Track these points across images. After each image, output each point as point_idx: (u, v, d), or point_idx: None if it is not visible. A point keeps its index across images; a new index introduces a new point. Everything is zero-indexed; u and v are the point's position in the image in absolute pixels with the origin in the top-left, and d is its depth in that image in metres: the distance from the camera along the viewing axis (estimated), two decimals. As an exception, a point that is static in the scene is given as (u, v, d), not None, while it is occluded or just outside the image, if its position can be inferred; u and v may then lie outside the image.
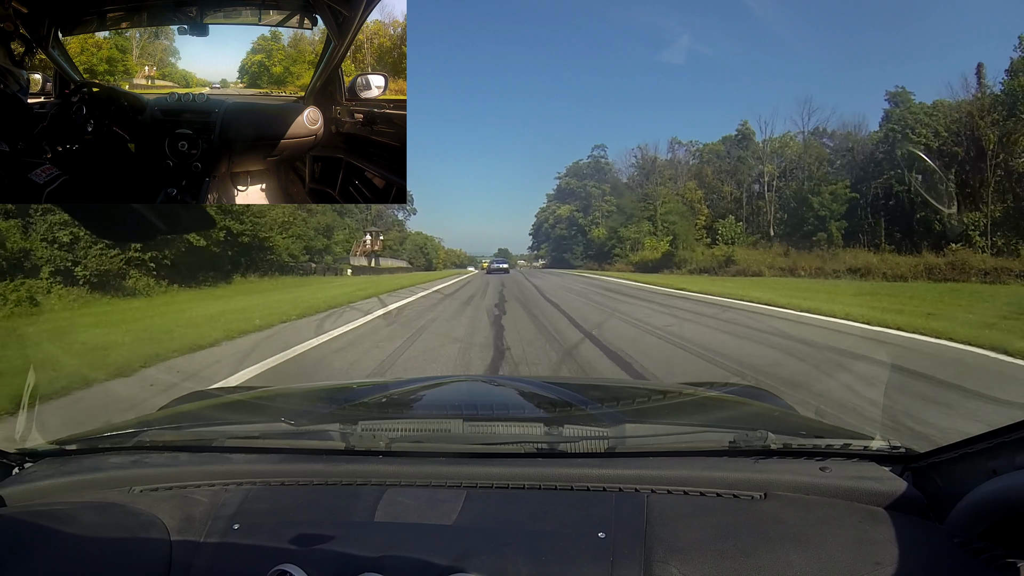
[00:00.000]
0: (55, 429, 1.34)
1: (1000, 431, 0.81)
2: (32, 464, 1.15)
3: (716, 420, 1.44)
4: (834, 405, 3.79)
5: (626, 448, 1.10)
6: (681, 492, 0.94)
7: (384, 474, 1.03)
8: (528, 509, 0.93)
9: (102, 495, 1.04)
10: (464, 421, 1.28)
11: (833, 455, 1.01)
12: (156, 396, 4.02)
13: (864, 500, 0.92)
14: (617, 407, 1.48)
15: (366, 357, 6.15)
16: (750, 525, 0.86)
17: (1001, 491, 0.76)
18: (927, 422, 3.41)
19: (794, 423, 1.40)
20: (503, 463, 1.04)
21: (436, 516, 0.91)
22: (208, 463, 1.11)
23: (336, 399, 1.67)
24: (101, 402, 4.24)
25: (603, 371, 5.17)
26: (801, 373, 4.98)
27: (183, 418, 1.50)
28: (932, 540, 0.82)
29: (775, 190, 40.06)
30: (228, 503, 0.98)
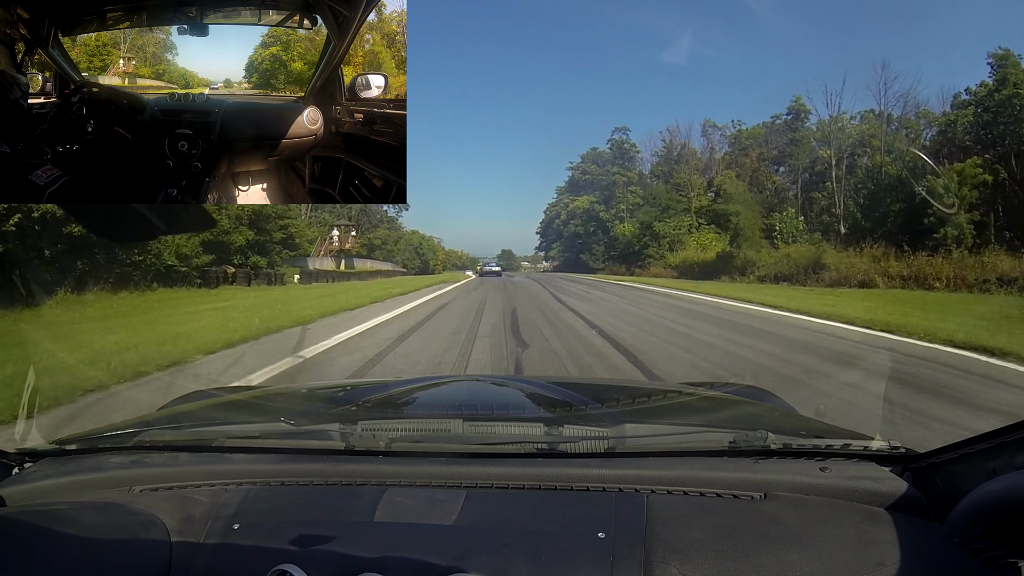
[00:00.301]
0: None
1: (1000, 431, 0.81)
2: (32, 464, 1.15)
3: (716, 420, 1.44)
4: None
5: (626, 448, 1.10)
6: (681, 492, 0.94)
7: (384, 474, 1.03)
8: (528, 509, 0.93)
9: (102, 495, 1.04)
10: (464, 421, 1.27)
11: (833, 455, 1.01)
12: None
13: (864, 500, 0.92)
14: (617, 407, 1.48)
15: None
16: (750, 525, 0.86)
17: (1001, 491, 0.76)
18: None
19: (794, 423, 1.40)
20: (503, 463, 1.04)
21: (436, 516, 0.91)
22: (208, 463, 1.11)
23: (336, 399, 1.67)
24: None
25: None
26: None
27: (183, 418, 1.50)
28: (932, 540, 0.82)
29: (844, 175, 30.12)
30: (228, 503, 0.97)
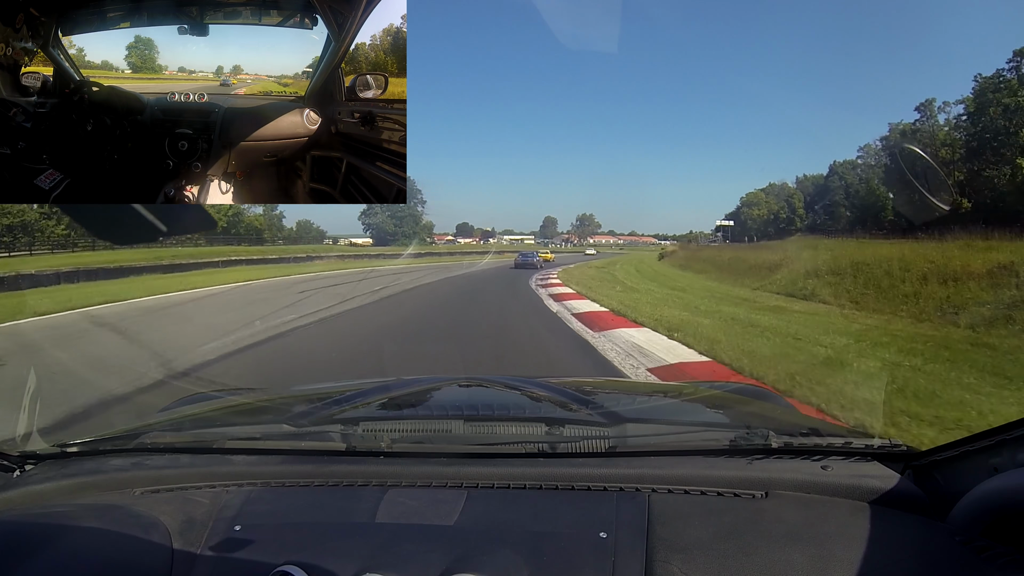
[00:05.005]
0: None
1: (1002, 428, 0.81)
2: (33, 466, 1.15)
3: (717, 419, 1.44)
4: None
5: (627, 448, 1.10)
6: (682, 491, 0.94)
7: (385, 475, 1.03)
8: (529, 509, 0.93)
9: (103, 497, 1.04)
10: (465, 421, 1.27)
11: (834, 453, 1.01)
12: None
13: (865, 498, 0.92)
14: (618, 406, 1.48)
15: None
16: (752, 524, 0.86)
17: (1002, 488, 0.76)
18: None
19: (795, 422, 1.40)
20: (504, 463, 1.04)
21: (437, 516, 0.91)
22: (209, 464, 1.11)
23: (336, 400, 1.66)
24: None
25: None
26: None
27: (184, 420, 1.50)
28: (934, 538, 0.82)
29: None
30: (229, 504, 0.97)
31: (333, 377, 4.99)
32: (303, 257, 35.99)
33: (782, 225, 56.93)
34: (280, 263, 30.52)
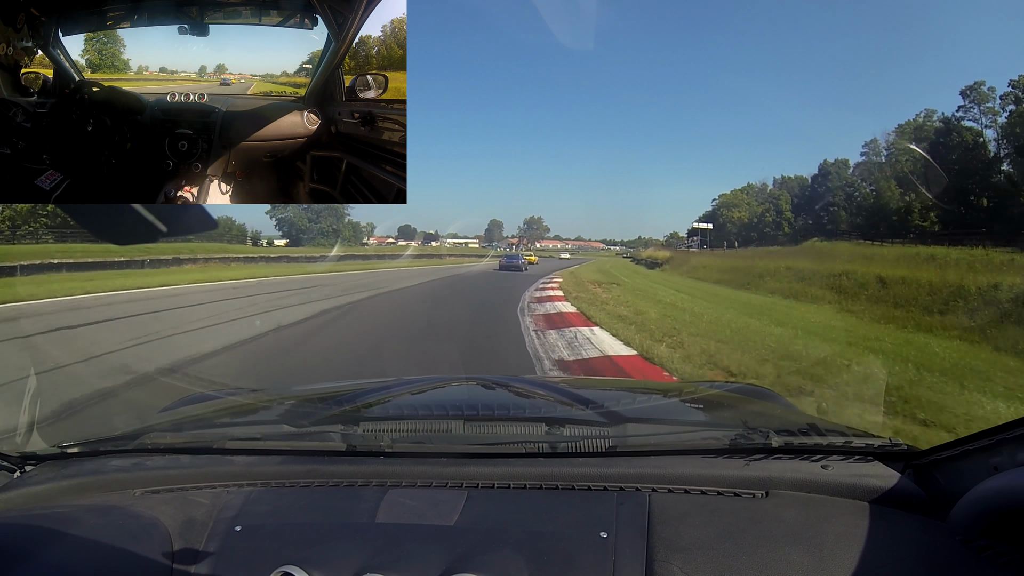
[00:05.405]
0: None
1: (1002, 428, 0.81)
2: (33, 467, 1.15)
3: (717, 419, 1.44)
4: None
5: (627, 447, 1.10)
6: (683, 491, 0.94)
7: (385, 475, 1.02)
8: (530, 509, 0.93)
9: (103, 498, 1.04)
10: (465, 421, 1.27)
11: (834, 453, 1.01)
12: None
13: (866, 498, 0.92)
14: (618, 406, 1.48)
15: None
16: (752, 523, 0.86)
17: (1003, 488, 0.76)
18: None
19: (795, 421, 1.40)
20: (504, 463, 1.04)
21: (437, 516, 0.91)
22: (209, 465, 1.11)
23: (336, 400, 1.66)
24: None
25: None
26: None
27: (184, 420, 1.50)
28: (934, 537, 0.82)
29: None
30: (230, 505, 0.97)
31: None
32: (169, 260, 23.98)
33: (767, 229, 53.76)
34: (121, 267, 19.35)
